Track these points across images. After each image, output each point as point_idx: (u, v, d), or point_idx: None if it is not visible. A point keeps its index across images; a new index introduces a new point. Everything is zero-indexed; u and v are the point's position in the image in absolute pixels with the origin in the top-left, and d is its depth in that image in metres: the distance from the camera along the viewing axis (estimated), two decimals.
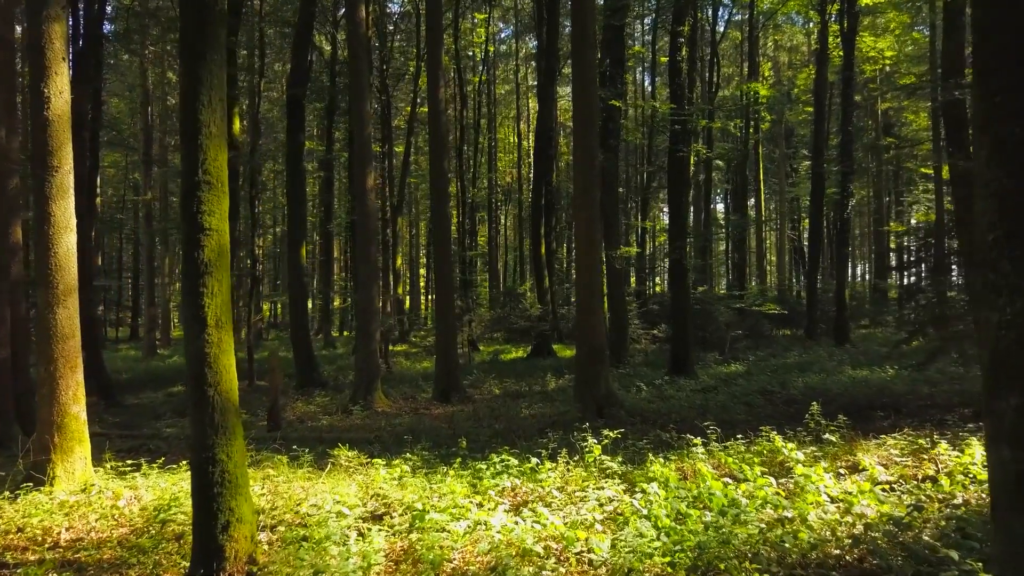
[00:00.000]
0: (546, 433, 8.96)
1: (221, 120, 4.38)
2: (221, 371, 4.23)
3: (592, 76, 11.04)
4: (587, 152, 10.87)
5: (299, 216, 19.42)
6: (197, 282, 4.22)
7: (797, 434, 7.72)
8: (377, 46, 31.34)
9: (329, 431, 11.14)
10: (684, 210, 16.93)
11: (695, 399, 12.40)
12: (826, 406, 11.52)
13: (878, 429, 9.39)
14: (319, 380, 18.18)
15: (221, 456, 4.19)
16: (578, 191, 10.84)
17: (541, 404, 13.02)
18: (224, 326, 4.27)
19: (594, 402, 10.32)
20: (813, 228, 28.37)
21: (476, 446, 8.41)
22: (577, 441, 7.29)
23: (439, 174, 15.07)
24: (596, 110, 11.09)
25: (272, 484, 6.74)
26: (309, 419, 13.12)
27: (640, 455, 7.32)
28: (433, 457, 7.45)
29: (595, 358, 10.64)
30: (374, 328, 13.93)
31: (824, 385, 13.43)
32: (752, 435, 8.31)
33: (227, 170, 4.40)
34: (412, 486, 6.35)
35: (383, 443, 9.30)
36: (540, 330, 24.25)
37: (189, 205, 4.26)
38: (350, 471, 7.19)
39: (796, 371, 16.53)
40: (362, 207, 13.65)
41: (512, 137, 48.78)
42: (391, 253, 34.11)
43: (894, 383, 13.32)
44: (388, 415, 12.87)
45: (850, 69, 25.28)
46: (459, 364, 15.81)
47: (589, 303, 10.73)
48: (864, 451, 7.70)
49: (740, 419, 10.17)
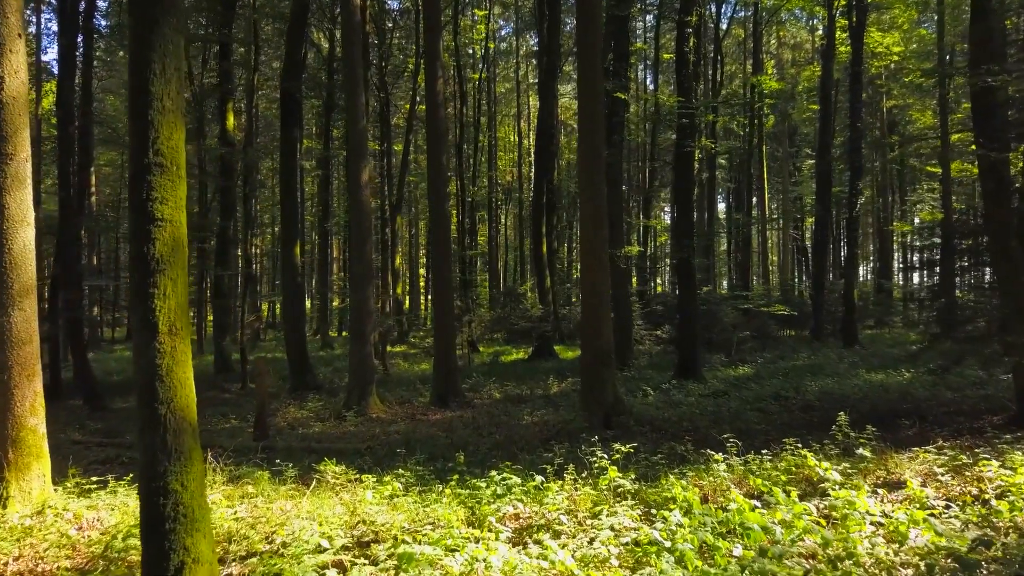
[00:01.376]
0: (550, 445, 8.33)
1: (177, 94, 3.76)
2: (175, 385, 3.61)
3: (597, 61, 10.40)
4: (593, 144, 10.23)
5: (293, 214, 18.79)
6: (147, 281, 3.60)
7: (824, 447, 7.09)
8: (376, 43, 30.81)
9: (320, 439, 10.52)
10: (691, 207, 16.30)
11: (706, 405, 11.77)
12: (847, 414, 10.92)
13: (907, 439, 8.77)
14: (313, 383, 17.58)
15: (174, 486, 3.57)
16: (583, 185, 10.19)
17: (544, 410, 12.38)
18: (180, 333, 3.65)
19: (601, 409, 9.68)
20: (820, 227, 27.73)
21: (475, 459, 7.79)
22: (585, 455, 6.66)
23: (438, 170, 14.44)
24: (602, 98, 10.46)
25: (250, 504, 6.13)
26: (300, 425, 12.50)
27: (654, 470, 6.70)
28: (428, 473, 6.82)
29: (601, 362, 9.99)
30: (369, 330, 13.29)
31: (840, 390, 12.81)
32: (774, 447, 7.69)
33: (183, 151, 3.77)
34: (403, 508, 5.73)
35: (375, 455, 8.68)
36: (541, 331, 23.62)
37: (138, 191, 3.64)
38: (337, 488, 6.57)
39: (808, 374, 15.93)
40: (356, 203, 13.00)
41: (512, 136, 48.26)
42: (390, 252, 33.59)
43: (914, 388, 12.70)
44: (383, 421, 12.24)
45: (859, 64, 24.67)
46: (458, 367, 15.19)
47: (594, 304, 10.07)
48: (899, 465, 7.09)
49: (757, 428, 9.54)
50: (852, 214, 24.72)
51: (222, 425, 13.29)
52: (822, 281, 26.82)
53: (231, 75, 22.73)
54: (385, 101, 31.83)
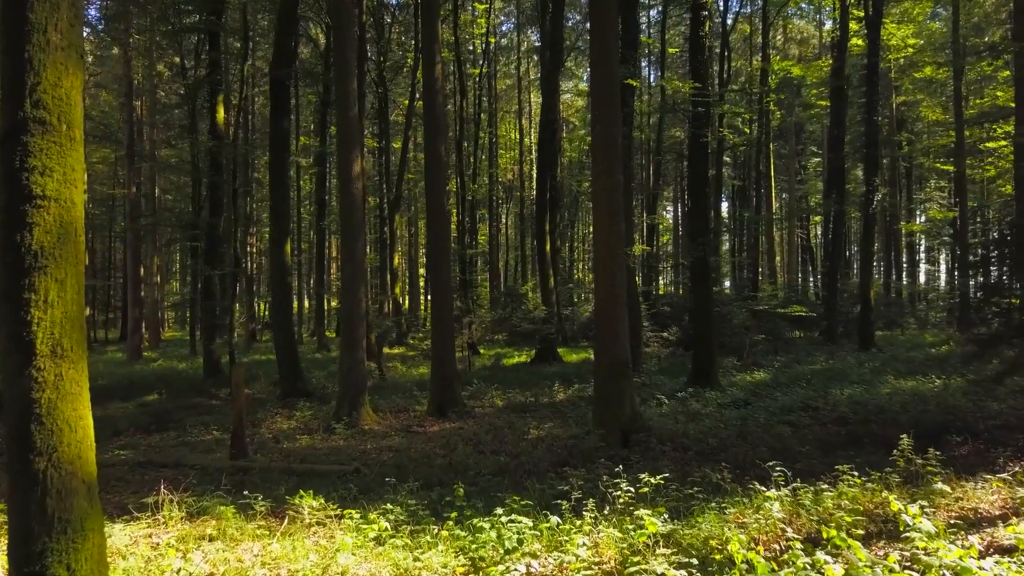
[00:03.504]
0: (563, 470, 7.29)
1: (71, 27, 2.75)
2: (61, 428, 2.60)
3: (612, 37, 9.36)
4: (608, 130, 9.16)
5: (284, 210, 17.75)
6: (20, 282, 2.58)
7: (886, 476, 6.07)
8: (374, 37, 29.76)
9: (303, 458, 9.49)
10: (707, 202, 15.28)
11: (729, 417, 10.74)
12: (886, 428, 9.91)
13: (964, 461, 7.76)
14: (304, 390, 16.52)
15: (57, 571, 2.55)
16: (597, 174, 9.11)
17: (551, 423, 11.35)
18: (69, 354, 2.63)
19: (618, 426, 8.63)
20: (837, 223, 26.74)
21: (476, 488, 6.77)
22: (607, 487, 5.64)
23: (436, 160, 13.40)
24: (617, 74, 9.39)
25: (207, 549, 5.12)
26: (286, 438, 11.47)
27: (688, 503, 5.68)
28: (422, 507, 5.79)
29: (618, 373, 8.91)
30: (360, 335, 12.24)
31: (872, 399, 11.77)
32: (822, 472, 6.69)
33: (80, 106, 2.75)
34: (389, 556, 4.73)
35: (362, 480, 7.64)
36: (545, 333, 22.58)
37: (10, 158, 2.63)
38: (312, 527, 5.56)
39: (831, 381, 14.91)
40: (347, 196, 11.96)
41: (513, 133, 47.33)
42: (388, 252, 32.60)
43: (952, 397, 11.67)
44: (375, 435, 11.21)
45: (876, 54, 23.72)
46: (457, 374, 14.15)
47: (610, 307, 9.00)
48: (969, 495, 6.09)
49: (794, 447, 8.50)
50: (869, 211, 23.70)
51: (202, 437, 12.27)
52: (836, 281, 25.84)
53: (220, 64, 21.68)
54: (383, 97, 30.86)
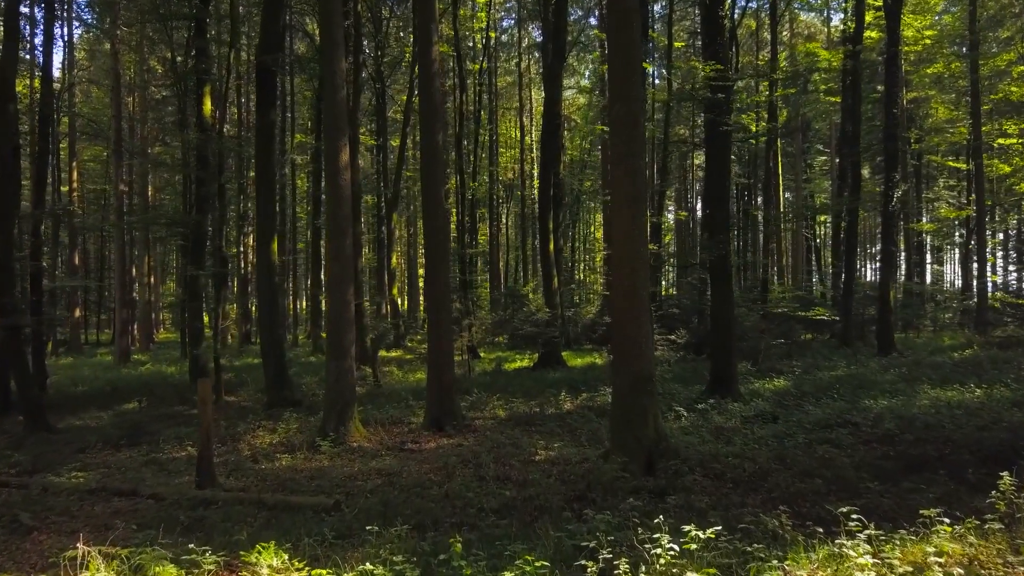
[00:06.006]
0: (582, 509, 6.13)
1: None
2: None
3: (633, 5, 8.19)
4: (629, 103, 7.94)
5: (270, 206, 16.61)
6: None
7: (986, 522, 4.91)
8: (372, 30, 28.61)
9: (281, 483, 8.32)
10: (727, 197, 14.13)
11: (760, 435, 9.57)
12: (942, 448, 8.76)
13: None
14: (291, 398, 15.36)
15: None
16: (618, 156, 7.92)
17: (561, 440, 10.17)
18: None
19: (641, 450, 7.43)
20: (849, 223, 25.66)
21: (477, 534, 5.61)
22: (643, 545, 4.46)
23: (433, 151, 12.24)
24: (639, 40, 8.21)
25: None
26: (265, 457, 10.29)
27: (742, 561, 4.53)
28: (410, 566, 4.61)
29: (641, 389, 7.67)
30: (349, 341, 11.05)
31: (914, 413, 10.57)
32: (892, 509, 5.55)
33: None
34: None
35: (342, 517, 6.45)
36: (548, 337, 21.42)
37: None
38: None
39: (857, 389, 13.78)
40: (334, 188, 10.79)
41: (514, 131, 46.23)
42: (386, 251, 31.49)
43: (1003, 409, 10.53)
44: (364, 453, 10.04)
45: (895, 44, 22.63)
46: (456, 383, 12.99)
47: (631, 310, 7.77)
48: None
49: (850, 476, 7.31)
50: (888, 208, 22.56)
51: (174, 454, 11.10)
52: (852, 282, 24.76)
53: (207, 52, 20.51)
54: (381, 93, 29.75)
